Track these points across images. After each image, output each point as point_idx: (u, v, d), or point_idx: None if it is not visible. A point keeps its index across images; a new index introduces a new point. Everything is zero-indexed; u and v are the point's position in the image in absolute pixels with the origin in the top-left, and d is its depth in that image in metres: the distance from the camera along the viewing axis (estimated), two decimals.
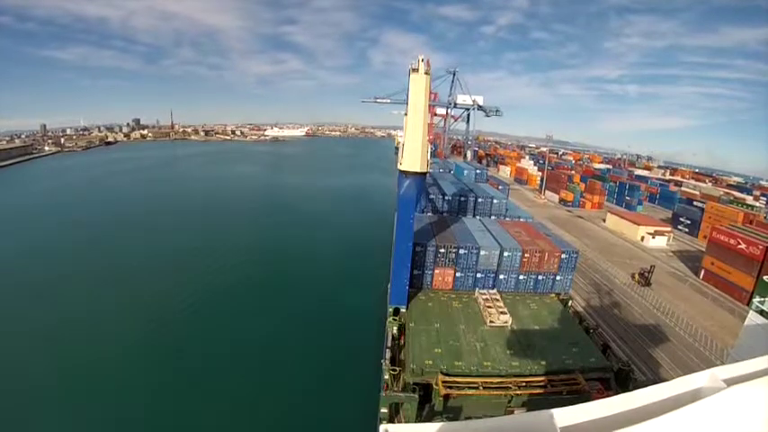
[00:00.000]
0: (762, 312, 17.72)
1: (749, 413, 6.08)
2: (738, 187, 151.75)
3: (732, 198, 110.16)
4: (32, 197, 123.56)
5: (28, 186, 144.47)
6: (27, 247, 75.78)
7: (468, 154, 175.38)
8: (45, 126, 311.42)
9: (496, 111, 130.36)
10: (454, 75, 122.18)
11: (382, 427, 6.16)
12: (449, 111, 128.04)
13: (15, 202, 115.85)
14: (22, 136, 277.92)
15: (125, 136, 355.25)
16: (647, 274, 59.55)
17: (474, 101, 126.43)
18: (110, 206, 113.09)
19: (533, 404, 23.50)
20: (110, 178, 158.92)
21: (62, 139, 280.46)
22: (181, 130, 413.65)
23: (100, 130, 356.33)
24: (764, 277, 49.38)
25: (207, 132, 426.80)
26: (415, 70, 29.47)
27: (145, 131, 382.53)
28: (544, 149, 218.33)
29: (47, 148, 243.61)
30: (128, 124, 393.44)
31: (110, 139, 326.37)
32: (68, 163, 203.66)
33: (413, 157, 30.17)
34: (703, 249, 67.12)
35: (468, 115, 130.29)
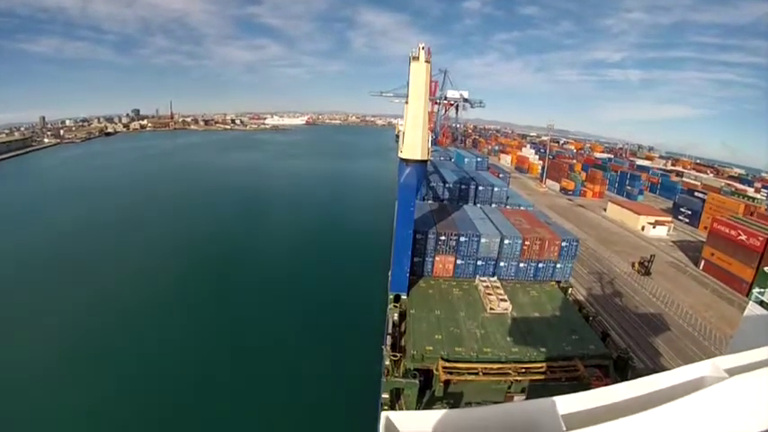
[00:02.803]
0: (762, 303, 17.67)
1: (751, 403, 6.11)
2: (740, 179, 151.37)
3: (733, 189, 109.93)
4: (29, 191, 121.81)
5: (26, 180, 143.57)
6: (18, 244, 73.65)
7: (468, 142, 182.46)
8: (44, 118, 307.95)
9: (480, 102, 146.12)
10: (445, 73, 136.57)
11: (383, 414, 6.20)
12: (441, 102, 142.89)
13: (11, 199, 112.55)
14: (21, 128, 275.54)
15: (124, 126, 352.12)
16: (647, 264, 59.66)
17: (461, 95, 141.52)
18: (110, 198, 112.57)
19: (533, 390, 23.65)
20: (108, 170, 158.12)
21: (61, 131, 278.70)
22: (180, 120, 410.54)
23: (99, 121, 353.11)
24: (765, 268, 49.64)
25: (207, 122, 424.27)
26: (416, 58, 29.34)
27: (144, 122, 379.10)
28: (545, 138, 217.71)
29: (46, 140, 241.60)
30: (127, 115, 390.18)
31: (109, 130, 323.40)
32: (67, 155, 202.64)
33: (413, 145, 30.12)
34: (704, 240, 67.16)
35: (457, 107, 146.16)
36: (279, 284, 59.26)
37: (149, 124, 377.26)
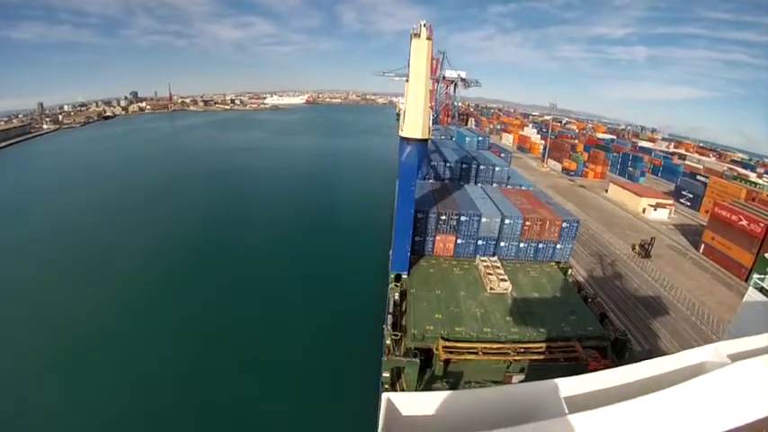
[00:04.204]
0: (761, 290, 17.59)
1: (753, 388, 6.02)
2: (743, 163, 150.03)
3: (736, 174, 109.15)
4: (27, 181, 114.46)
5: (22, 170, 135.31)
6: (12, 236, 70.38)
7: (470, 121, 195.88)
8: (42, 104, 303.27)
9: (476, 82, 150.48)
10: (443, 54, 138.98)
11: (384, 395, 6.09)
12: (440, 80, 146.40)
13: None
14: (20, 116, 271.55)
15: (123, 109, 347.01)
16: (647, 246, 59.60)
17: (458, 75, 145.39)
18: (106, 186, 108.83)
19: (531, 370, 23.81)
20: (106, 156, 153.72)
21: (60, 117, 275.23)
22: (179, 101, 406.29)
23: (98, 105, 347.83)
24: (766, 254, 49.62)
25: (206, 103, 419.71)
26: (417, 35, 28.84)
27: (143, 104, 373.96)
28: (548, 118, 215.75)
29: (45, 126, 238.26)
30: (125, 98, 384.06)
31: (108, 114, 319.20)
32: (66, 140, 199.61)
33: (414, 124, 29.79)
34: (704, 224, 66.77)
35: (455, 86, 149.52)
36: (278, 263, 59.37)
37: (148, 106, 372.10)
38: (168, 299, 49.79)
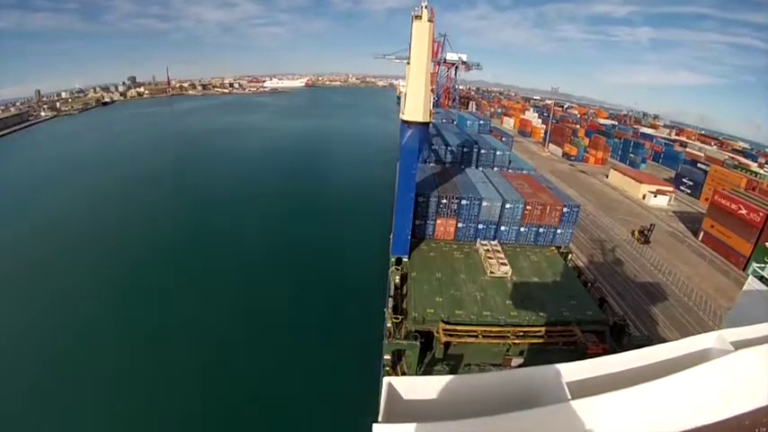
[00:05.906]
0: (761, 278, 17.65)
1: (758, 377, 5.99)
2: (744, 152, 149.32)
3: (737, 163, 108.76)
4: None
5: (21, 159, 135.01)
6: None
7: (471, 104, 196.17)
8: (39, 92, 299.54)
9: (477, 65, 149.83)
10: (445, 36, 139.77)
11: (386, 379, 6.06)
12: (441, 63, 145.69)
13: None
14: (17, 103, 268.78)
15: (121, 95, 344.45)
16: (646, 233, 59.78)
17: (459, 58, 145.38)
18: (103, 175, 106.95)
19: (530, 354, 23.99)
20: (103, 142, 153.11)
21: (58, 104, 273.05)
22: (178, 85, 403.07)
23: (96, 91, 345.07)
24: (766, 243, 49.78)
25: (204, 86, 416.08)
26: (418, 17, 28.37)
27: (141, 89, 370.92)
28: (549, 102, 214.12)
29: (43, 113, 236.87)
30: (123, 83, 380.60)
31: (106, 100, 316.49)
32: (62, 127, 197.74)
33: (415, 107, 29.47)
34: (704, 212, 66.80)
35: (456, 69, 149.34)
36: (279, 247, 59.52)
37: (146, 91, 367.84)
38: (167, 279, 50.29)
